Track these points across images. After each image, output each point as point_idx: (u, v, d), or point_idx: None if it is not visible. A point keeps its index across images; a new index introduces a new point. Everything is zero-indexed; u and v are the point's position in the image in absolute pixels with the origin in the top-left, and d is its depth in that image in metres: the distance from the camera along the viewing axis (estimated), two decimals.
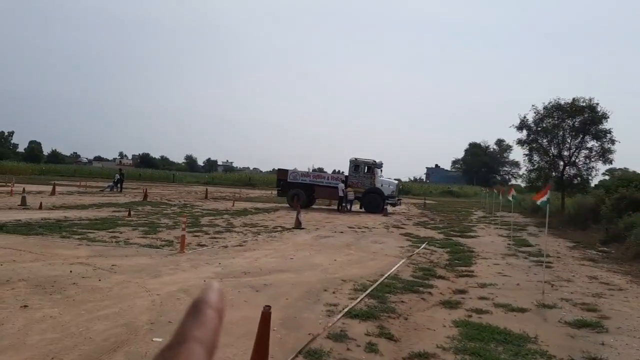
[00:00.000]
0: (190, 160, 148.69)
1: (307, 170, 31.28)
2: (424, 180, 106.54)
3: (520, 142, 27.54)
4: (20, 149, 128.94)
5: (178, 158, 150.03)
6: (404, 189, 57.18)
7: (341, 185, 26.85)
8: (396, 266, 10.32)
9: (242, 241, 12.97)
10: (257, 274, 8.73)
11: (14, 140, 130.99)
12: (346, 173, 28.42)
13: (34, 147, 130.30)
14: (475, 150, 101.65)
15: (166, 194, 36.21)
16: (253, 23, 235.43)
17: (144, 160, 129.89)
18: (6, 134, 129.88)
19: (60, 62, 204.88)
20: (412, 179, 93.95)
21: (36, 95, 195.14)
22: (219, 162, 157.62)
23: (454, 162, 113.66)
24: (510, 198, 16.23)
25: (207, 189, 37.79)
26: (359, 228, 18.26)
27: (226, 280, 8.06)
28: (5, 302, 6.07)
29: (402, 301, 7.47)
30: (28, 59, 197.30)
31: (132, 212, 18.38)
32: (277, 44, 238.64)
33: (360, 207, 28.08)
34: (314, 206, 29.42)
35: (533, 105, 26.89)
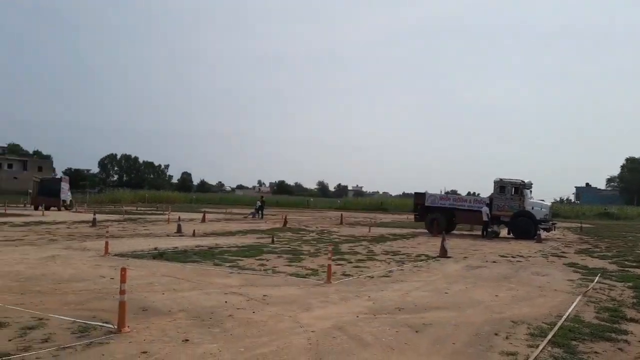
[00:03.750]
0: (322, 186, 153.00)
1: (443, 193, 29.84)
2: (573, 201, 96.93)
3: None
4: (174, 179, 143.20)
5: (310, 184, 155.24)
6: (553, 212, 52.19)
7: (485, 209, 25.01)
8: (573, 305, 8.86)
9: (387, 271, 12.30)
10: (413, 311, 7.98)
11: (169, 172, 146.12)
12: (480, 194, 26.49)
13: (186, 178, 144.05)
14: (634, 167, 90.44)
15: (303, 220, 37.02)
16: (371, 48, 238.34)
17: (280, 187, 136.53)
18: (163, 166, 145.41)
19: (210, 102, 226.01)
20: (559, 199, 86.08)
21: (188, 132, 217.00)
22: (349, 187, 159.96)
23: (609, 180, 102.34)
24: None
25: (342, 215, 37.92)
26: (512, 257, 16.57)
27: (380, 317, 7.43)
28: (168, 336, 6.07)
29: (595, 352, 6.18)
30: (180, 101, 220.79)
31: (274, 239, 18.73)
32: (399, 68, 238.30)
33: (508, 233, 25.88)
34: (454, 231, 27.82)
35: None
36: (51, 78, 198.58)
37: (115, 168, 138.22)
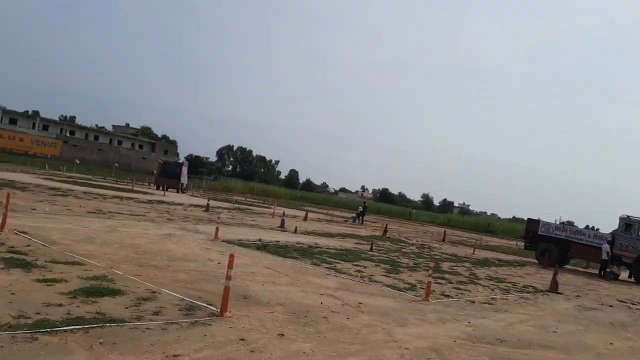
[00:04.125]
0: (427, 199, 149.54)
1: (559, 223, 27.71)
2: None
3: None
4: (282, 175, 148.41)
5: (415, 195, 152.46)
6: None
7: (606, 247, 22.77)
8: None
9: (490, 298, 11.65)
10: (515, 345, 7.46)
11: (279, 167, 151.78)
12: (599, 228, 24.08)
13: (293, 175, 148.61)
14: None
15: (403, 231, 36.43)
16: (511, 63, 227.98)
17: (383, 195, 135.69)
18: (273, 162, 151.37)
19: (325, 103, 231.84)
20: None
21: (300, 128, 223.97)
22: (455, 204, 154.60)
23: None
24: None
25: (445, 231, 36.76)
26: (632, 304, 14.92)
27: (480, 346, 7.03)
28: (265, 327, 6.24)
29: None
30: (298, 99, 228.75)
31: (373, 247, 18.61)
32: (533, 82, 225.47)
33: (630, 277, 23.35)
34: (567, 266, 25.71)
35: None
36: (187, 70, 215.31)
37: (231, 159, 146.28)
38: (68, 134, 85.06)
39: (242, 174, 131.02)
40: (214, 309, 6.65)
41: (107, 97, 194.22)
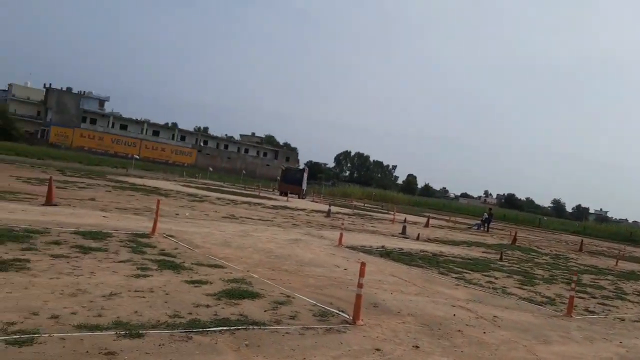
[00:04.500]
0: (558, 205, 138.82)
1: None
2: None
3: None
4: (399, 180, 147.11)
5: (544, 201, 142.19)
6: None
7: None
8: None
9: None
10: None
11: (396, 172, 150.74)
12: None
13: (411, 180, 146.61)
14: None
15: (533, 239, 34.06)
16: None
17: (509, 201, 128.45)
18: (390, 167, 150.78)
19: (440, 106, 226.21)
20: None
21: (418, 132, 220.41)
22: (591, 210, 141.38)
23: None
24: None
25: (582, 240, 33.71)
26: None
27: None
28: (399, 338, 6.16)
29: None
30: (413, 104, 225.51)
31: (503, 256, 17.61)
32: None
33: None
34: None
35: None
36: (307, 77, 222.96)
37: (348, 164, 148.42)
38: (202, 144, 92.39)
39: (359, 179, 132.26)
40: (346, 316, 6.72)
41: (235, 108, 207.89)
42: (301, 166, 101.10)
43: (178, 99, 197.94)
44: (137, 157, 63.47)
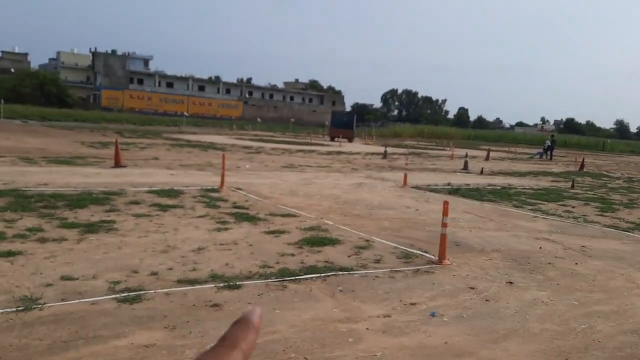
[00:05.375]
0: (621, 126, 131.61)
1: None
2: None
3: None
4: (450, 115, 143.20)
5: (605, 123, 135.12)
6: None
7: None
8: None
9: None
10: None
11: (446, 107, 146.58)
12: None
13: (462, 114, 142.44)
14: None
15: (601, 164, 32.54)
16: None
17: (568, 126, 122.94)
18: (440, 101, 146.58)
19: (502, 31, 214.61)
20: None
21: (466, 66, 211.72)
22: None
23: None
24: None
25: None
26: None
27: None
28: (490, 275, 6.02)
29: None
30: (460, 33, 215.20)
31: (574, 184, 16.89)
32: None
33: None
34: None
35: None
36: (344, 15, 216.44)
37: (396, 103, 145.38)
38: (247, 95, 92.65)
39: (407, 117, 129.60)
40: (431, 256, 6.61)
41: (276, 55, 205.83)
42: (347, 109, 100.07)
43: (218, 52, 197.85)
44: (187, 114, 64.53)
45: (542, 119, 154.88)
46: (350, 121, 44.75)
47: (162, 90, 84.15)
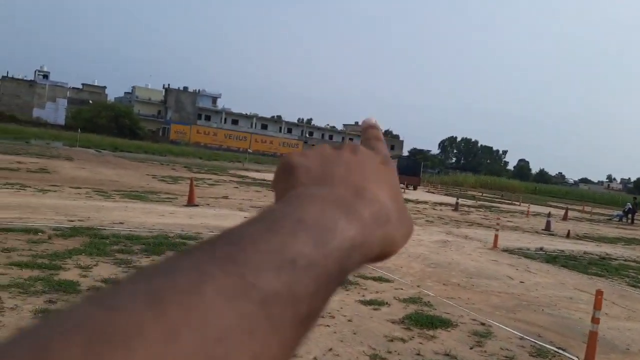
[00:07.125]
0: None
1: None
2: None
3: None
4: (510, 166, 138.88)
5: None
6: None
7: None
8: None
9: None
10: None
11: (506, 158, 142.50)
12: None
13: (523, 166, 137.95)
14: None
15: None
16: None
17: (638, 185, 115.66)
18: (500, 152, 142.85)
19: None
20: None
21: (529, 117, 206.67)
22: None
23: None
24: None
25: None
26: None
27: None
28: None
29: None
30: (524, 84, 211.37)
31: None
32: None
33: None
34: None
35: None
36: (402, 62, 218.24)
37: (454, 150, 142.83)
38: (307, 135, 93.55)
39: (466, 165, 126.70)
40: (572, 357, 5.42)
41: (336, 99, 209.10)
42: (404, 154, 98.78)
43: (281, 92, 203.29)
44: (250, 150, 65.43)
45: (609, 177, 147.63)
46: (417, 168, 43.72)
47: (227, 127, 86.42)
